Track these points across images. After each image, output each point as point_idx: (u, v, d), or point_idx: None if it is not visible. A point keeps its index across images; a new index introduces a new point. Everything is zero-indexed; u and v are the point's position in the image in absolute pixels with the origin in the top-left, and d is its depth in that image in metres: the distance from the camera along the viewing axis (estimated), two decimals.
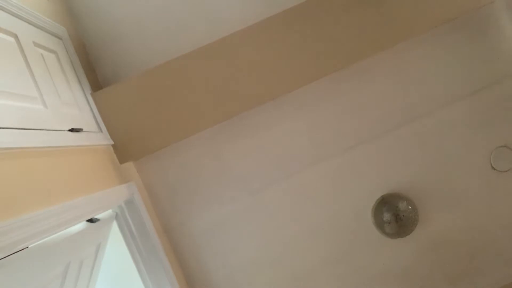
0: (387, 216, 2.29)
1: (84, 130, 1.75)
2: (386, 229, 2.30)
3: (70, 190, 1.43)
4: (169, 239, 2.32)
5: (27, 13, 1.64)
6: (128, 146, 2.05)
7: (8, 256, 0.99)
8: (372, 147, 2.33)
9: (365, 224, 2.34)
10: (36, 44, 1.66)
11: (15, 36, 1.51)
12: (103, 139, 1.93)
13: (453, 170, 2.34)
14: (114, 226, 1.95)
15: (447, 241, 2.36)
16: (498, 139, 2.34)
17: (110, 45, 2.31)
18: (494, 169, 2.34)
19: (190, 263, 2.33)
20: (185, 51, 2.07)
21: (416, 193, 2.34)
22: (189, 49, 2.07)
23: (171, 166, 2.32)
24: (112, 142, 2.02)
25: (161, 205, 2.32)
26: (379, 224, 2.31)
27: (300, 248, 2.35)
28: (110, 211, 1.91)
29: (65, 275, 1.43)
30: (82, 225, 1.57)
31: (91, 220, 1.63)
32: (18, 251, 1.04)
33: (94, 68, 2.31)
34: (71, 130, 1.62)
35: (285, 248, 2.34)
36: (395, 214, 2.28)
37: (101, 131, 1.99)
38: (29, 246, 1.11)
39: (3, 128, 1.17)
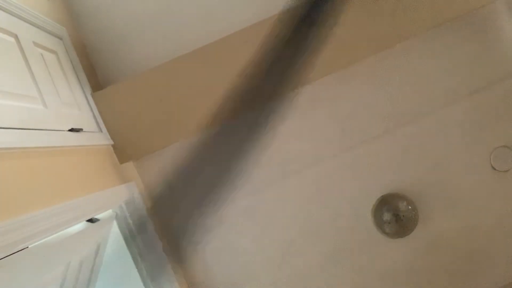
0: (387, 216, 2.29)
1: (84, 130, 1.75)
2: (386, 229, 2.30)
3: (70, 190, 1.43)
4: (169, 239, 2.32)
5: (27, 13, 1.65)
6: (128, 146, 2.05)
7: (8, 256, 0.99)
8: (372, 147, 2.33)
9: (365, 224, 2.34)
10: (36, 44, 1.66)
11: (15, 36, 1.51)
12: (103, 139, 1.93)
13: (453, 170, 2.34)
14: (114, 226, 1.95)
15: (447, 241, 2.35)
16: (498, 139, 2.34)
17: (110, 45, 2.31)
18: (494, 169, 2.34)
19: (190, 263, 2.33)
20: (185, 51, 2.07)
21: (416, 193, 2.34)
22: (189, 49, 2.07)
23: (171, 166, 2.31)
24: (112, 142, 2.02)
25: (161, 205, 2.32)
26: (379, 224, 2.31)
27: (300, 248, 2.35)
28: (110, 211, 1.91)
29: (65, 275, 1.43)
30: (82, 225, 1.57)
31: (91, 220, 1.63)
32: (18, 251, 1.04)
33: (94, 68, 2.31)
34: (71, 130, 1.62)
35: (285, 248, 2.34)
36: (395, 214, 2.28)
37: (101, 131, 1.99)
38: (29, 246, 1.11)
39: (3, 128, 1.17)
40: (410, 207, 2.30)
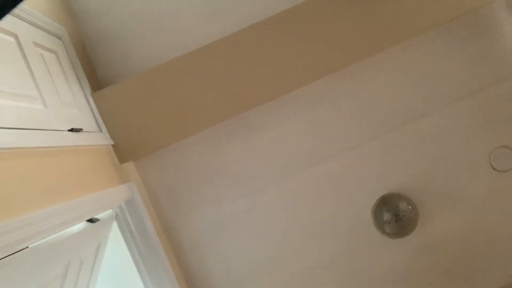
0: (387, 216, 2.29)
1: (84, 130, 1.75)
2: (386, 229, 2.30)
3: (70, 190, 1.43)
4: (169, 239, 2.32)
5: (27, 13, 1.65)
6: (128, 146, 2.05)
7: (8, 256, 0.99)
8: (372, 147, 2.33)
9: (365, 224, 2.34)
10: (36, 44, 1.66)
11: (15, 36, 1.51)
12: (103, 139, 1.93)
13: (453, 170, 2.34)
14: (114, 226, 1.95)
15: (447, 241, 2.35)
16: (498, 139, 2.34)
17: (110, 45, 2.31)
18: (494, 169, 2.34)
19: (190, 263, 2.33)
20: (185, 51, 2.07)
21: (416, 193, 2.34)
22: (189, 49, 2.07)
23: (171, 166, 2.32)
24: (112, 142, 2.02)
25: (161, 205, 2.32)
26: (379, 224, 2.31)
27: (300, 249, 2.35)
28: (110, 211, 1.91)
29: (65, 275, 1.43)
30: (82, 225, 1.57)
31: (91, 220, 1.63)
32: (18, 251, 1.04)
33: (94, 68, 2.31)
34: (71, 130, 1.62)
35: (285, 248, 2.34)
36: (395, 214, 2.28)
37: (101, 131, 1.99)
38: (29, 246, 1.11)
39: (3, 128, 1.17)
40: (410, 207, 2.30)
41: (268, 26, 2.05)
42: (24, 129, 1.28)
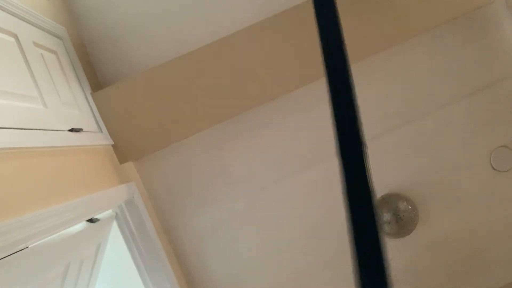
0: (387, 216, 2.29)
1: (84, 130, 1.75)
2: (386, 229, 2.30)
3: (70, 190, 1.43)
4: (169, 239, 2.32)
5: (27, 13, 1.65)
6: (128, 146, 2.05)
7: (8, 256, 0.99)
8: (372, 147, 2.32)
9: None
10: (36, 44, 1.66)
11: (15, 36, 1.51)
12: (103, 139, 1.93)
13: (453, 170, 2.34)
14: (114, 226, 1.95)
15: (447, 241, 2.36)
16: (498, 139, 2.34)
17: (110, 45, 2.31)
18: (494, 169, 2.34)
19: (190, 263, 2.33)
20: (185, 51, 2.07)
21: (416, 193, 2.33)
22: (189, 49, 2.07)
23: (171, 166, 2.32)
24: (112, 142, 2.02)
25: (161, 205, 2.32)
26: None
27: (300, 248, 2.35)
28: (110, 211, 1.91)
29: (65, 275, 1.43)
30: (82, 225, 1.57)
31: (91, 220, 1.63)
32: (18, 251, 1.04)
33: (94, 68, 2.31)
34: (71, 130, 1.62)
35: (285, 248, 2.34)
36: (395, 214, 2.28)
37: (101, 131, 1.99)
38: (29, 246, 1.11)
39: (3, 128, 1.17)
40: (410, 207, 2.29)
41: (268, 26, 2.05)
42: (24, 129, 1.28)
